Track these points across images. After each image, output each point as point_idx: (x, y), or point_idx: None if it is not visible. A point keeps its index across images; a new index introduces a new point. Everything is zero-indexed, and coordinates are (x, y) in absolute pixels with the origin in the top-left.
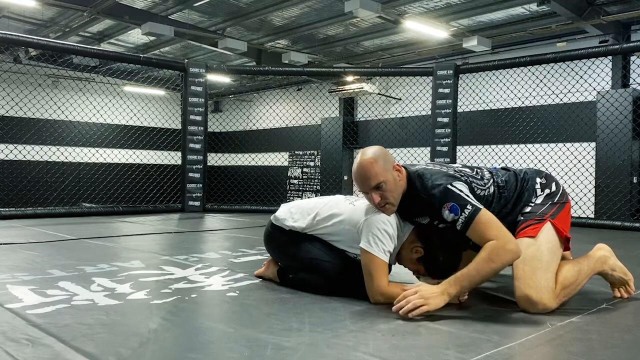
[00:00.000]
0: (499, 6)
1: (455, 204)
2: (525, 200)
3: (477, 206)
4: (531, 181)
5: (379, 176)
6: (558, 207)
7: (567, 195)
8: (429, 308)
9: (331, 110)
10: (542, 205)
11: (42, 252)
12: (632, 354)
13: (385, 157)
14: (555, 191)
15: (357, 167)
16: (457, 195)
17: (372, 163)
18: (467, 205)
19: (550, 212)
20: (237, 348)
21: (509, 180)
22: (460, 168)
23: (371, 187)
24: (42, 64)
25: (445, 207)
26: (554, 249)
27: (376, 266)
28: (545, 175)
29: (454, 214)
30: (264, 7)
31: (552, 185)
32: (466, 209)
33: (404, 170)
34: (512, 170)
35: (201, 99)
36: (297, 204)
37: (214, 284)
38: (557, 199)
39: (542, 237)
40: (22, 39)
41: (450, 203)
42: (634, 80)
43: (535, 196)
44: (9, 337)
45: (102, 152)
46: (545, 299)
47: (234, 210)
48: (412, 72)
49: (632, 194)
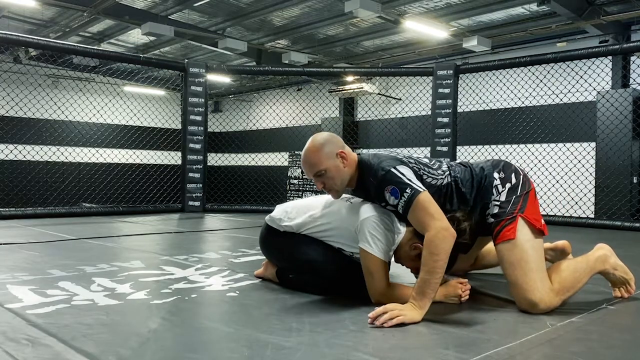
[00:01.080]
0: (499, 6)
1: (395, 187)
2: (488, 198)
3: (416, 189)
4: (489, 177)
5: (320, 164)
6: (523, 198)
7: (529, 181)
8: (404, 319)
9: (331, 110)
10: (507, 202)
11: (42, 252)
12: (632, 354)
13: (330, 144)
14: (516, 183)
15: (302, 154)
16: (397, 178)
17: (314, 152)
18: (406, 188)
19: (517, 206)
20: (237, 348)
21: (465, 177)
22: (416, 157)
23: (314, 174)
24: (42, 64)
25: (386, 189)
26: (536, 245)
27: (376, 266)
28: (503, 167)
29: (395, 197)
30: (264, 7)
31: (511, 178)
32: (405, 192)
33: (351, 156)
34: (468, 167)
35: (201, 99)
36: (293, 203)
37: (214, 284)
38: (519, 190)
39: (521, 237)
40: (22, 39)
41: (391, 186)
42: (634, 80)
43: (498, 193)
44: (9, 337)
45: (102, 152)
46: (545, 298)
47: (234, 210)
48: (412, 72)
49: (632, 194)
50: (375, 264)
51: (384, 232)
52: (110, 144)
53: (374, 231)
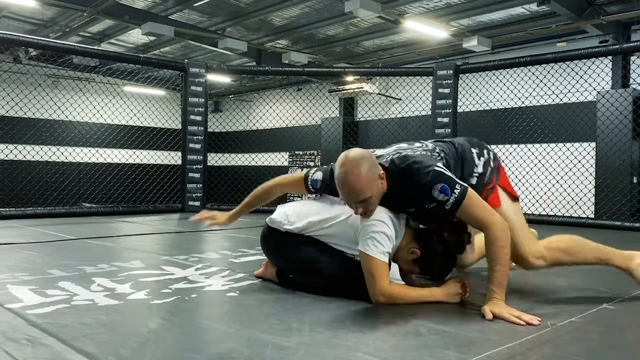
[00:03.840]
0: (499, 6)
1: (445, 184)
2: (468, 170)
3: (463, 185)
4: (468, 152)
5: (366, 191)
6: (497, 170)
7: (497, 155)
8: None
9: (331, 110)
10: (484, 174)
11: (42, 252)
12: (632, 354)
13: (372, 166)
14: (488, 157)
15: (343, 179)
16: (444, 175)
17: (359, 177)
18: (455, 185)
19: (493, 177)
20: (237, 348)
21: (450, 153)
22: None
23: (357, 202)
24: (42, 64)
25: (435, 188)
26: (516, 209)
27: (376, 267)
28: (477, 143)
29: (445, 194)
30: (264, 7)
31: (484, 153)
32: (455, 189)
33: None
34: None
35: (201, 99)
36: (293, 206)
37: (214, 284)
38: (492, 163)
39: (504, 203)
40: (22, 39)
41: (441, 184)
42: (634, 80)
43: (475, 165)
44: (9, 337)
45: (102, 152)
46: (532, 249)
47: None
48: (412, 72)
49: (632, 194)
50: (374, 265)
51: (384, 235)
52: (110, 144)
53: (375, 234)
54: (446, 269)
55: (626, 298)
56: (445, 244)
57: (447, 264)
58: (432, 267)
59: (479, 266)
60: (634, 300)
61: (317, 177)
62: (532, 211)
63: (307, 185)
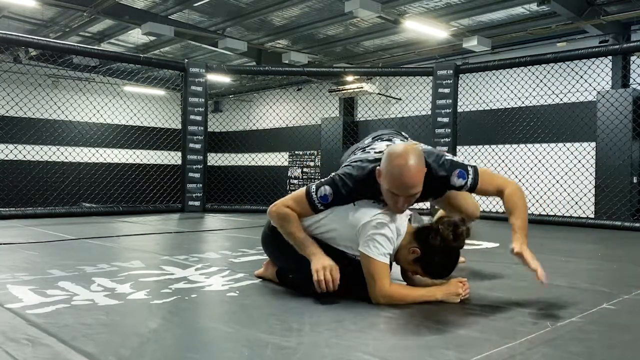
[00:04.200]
0: (498, 6)
1: (460, 169)
2: None
3: (472, 165)
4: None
5: (418, 187)
6: None
7: None
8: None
9: (331, 110)
10: None
11: (42, 252)
12: (632, 354)
13: (423, 163)
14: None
15: (404, 173)
16: (455, 162)
17: (420, 172)
18: (467, 166)
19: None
20: (237, 348)
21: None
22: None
23: (409, 195)
24: (42, 64)
25: (453, 175)
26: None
27: (377, 269)
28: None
29: (462, 178)
30: (264, 7)
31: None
32: (468, 170)
33: None
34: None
35: (201, 99)
36: None
37: (214, 284)
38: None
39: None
40: (22, 39)
41: (457, 170)
42: (634, 80)
43: None
44: (9, 337)
45: (102, 152)
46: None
47: (234, 210)
48: (412, 72)
49: (632, 194)
50: (375, 266)
51: (385, 236)
52: (110, 144)
53: (375, 234)
54: (448, 266)
55: (626, 298)
56: (444, 240)
57: (448, 261)
58: (433, 265)
59: (479, 266)
60: (634, 300)
61: (324, 192)
62: (532, 211)
63: (315, 205)
